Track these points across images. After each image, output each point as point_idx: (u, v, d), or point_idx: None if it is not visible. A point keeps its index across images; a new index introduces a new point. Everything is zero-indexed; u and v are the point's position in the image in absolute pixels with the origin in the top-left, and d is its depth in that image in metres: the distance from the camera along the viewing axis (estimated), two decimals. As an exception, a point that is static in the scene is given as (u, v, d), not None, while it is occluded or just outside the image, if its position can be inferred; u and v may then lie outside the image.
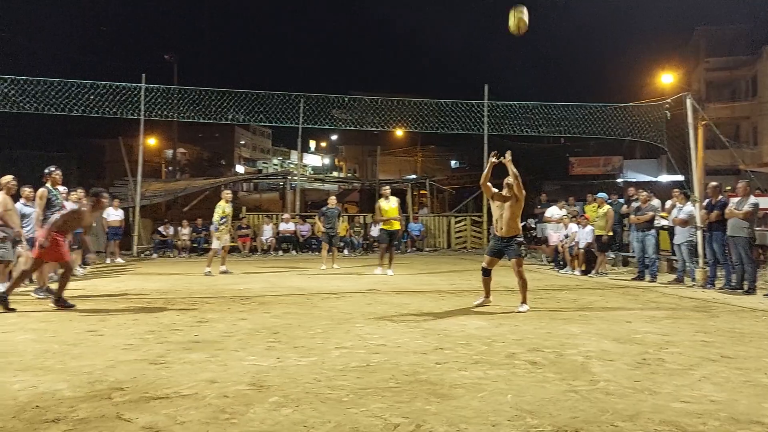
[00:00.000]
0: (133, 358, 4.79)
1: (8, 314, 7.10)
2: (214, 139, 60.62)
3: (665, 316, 7.16)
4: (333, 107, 20.44)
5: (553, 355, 4.98)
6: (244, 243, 19.38)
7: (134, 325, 6.38)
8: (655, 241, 11.66)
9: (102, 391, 3.88)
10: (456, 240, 22.40)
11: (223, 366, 4.56)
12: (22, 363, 4.63)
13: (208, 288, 9.96)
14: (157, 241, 18.94)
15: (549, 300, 8.72)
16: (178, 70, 31.48)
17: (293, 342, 5.47)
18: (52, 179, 9.08)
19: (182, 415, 3.41)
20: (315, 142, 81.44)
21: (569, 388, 3.98)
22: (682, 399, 3.75)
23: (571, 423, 3.28)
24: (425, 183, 27.27)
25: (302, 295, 9.04)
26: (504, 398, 3.73)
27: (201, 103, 18.61)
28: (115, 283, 10.86)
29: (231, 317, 6.90)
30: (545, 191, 22.93)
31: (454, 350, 5.12)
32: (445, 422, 3.29)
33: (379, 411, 3.48)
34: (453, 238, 22.38)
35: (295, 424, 3.27)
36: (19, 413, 3.42)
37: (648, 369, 4.52)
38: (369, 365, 4.59)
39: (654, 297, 9.15)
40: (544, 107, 19.85)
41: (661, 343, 5.50)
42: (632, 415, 3.43)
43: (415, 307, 7.79)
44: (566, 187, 30.81)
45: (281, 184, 28.38)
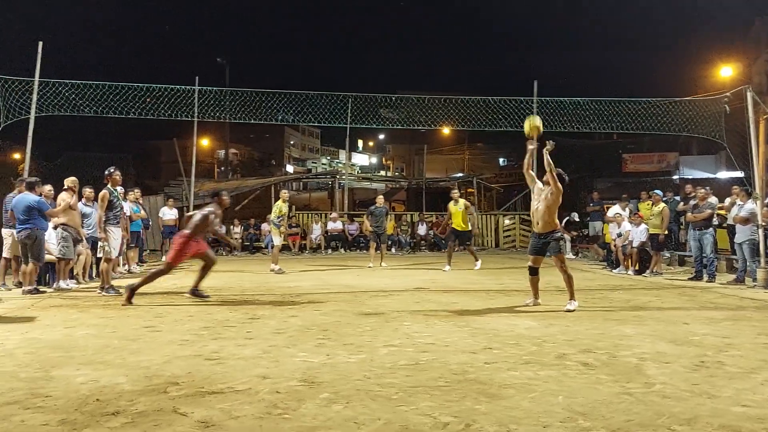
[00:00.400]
0: (188, 354, 4.92)
1: (70, 311, 7.39)
2: (265, 140, 61.53)
3: (725, 318, 6.93)
4: (380, 106, 20.45)
5: (606, 356, 4.88)
6: (294, 242, 19.66)
7: (189, 321, 6.55)
8: (713, 239, 11.29)
9: (159, 385, 4.00)
10: (504, 239, 22.18)
11: (275, 362, 4.63)
12: (84, 357, 4.81)
13: (259, 285, 10.14)
14: (209, 240, 19.34)
15: (601, 300, 8.55)
16: (229, 72, 32.12)
17: (343, 339, 5.53)
18: (112, 180, 9.31)
19: (236, 409, 3.48)
20: (363, 142, 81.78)
21: (623, 390, 3.90)
22: (742, 403, 3.63)
23: (625, 426, 3.22)
24: (472, 181, 27.08)
25: (351, 293, 9.11)
26: (555, 399, 3.69)
27: (252, 105, 18.90)
28: (171, 281, 11.14)
29: (282, 314, 7.01)
30: (597, 189, 22.48)
31: (503, 350, 5.08)
32: (495, 422, 3.27)
33: (428, 409, 3.48)
34: (501, 237, 22.18)
35: (345, 420, 3.31)
36: (81, 406, 3.55)
37: (706, 372, 4.39)
38: (418, 363, 4.60)
39: (712, 298, 8.86)
40: (595, 103, 19.41)
41: (720, 345, 5.32)
42: (690, 419, 3.34)
43: (463, 306, 7.76)
44: (619, 184, 30.09)
45: (330, 183, 28.64)
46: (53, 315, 7.01)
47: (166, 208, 16.96)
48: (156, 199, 20.39)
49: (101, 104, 16.70)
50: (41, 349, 5.11)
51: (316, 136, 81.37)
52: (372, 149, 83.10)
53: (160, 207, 17.87)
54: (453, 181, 26.41)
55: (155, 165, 45.92)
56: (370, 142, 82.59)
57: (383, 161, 78.19)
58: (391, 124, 22.78)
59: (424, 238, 20.85)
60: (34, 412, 3.44)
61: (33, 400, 3.67)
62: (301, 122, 21.27)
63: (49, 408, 3.51)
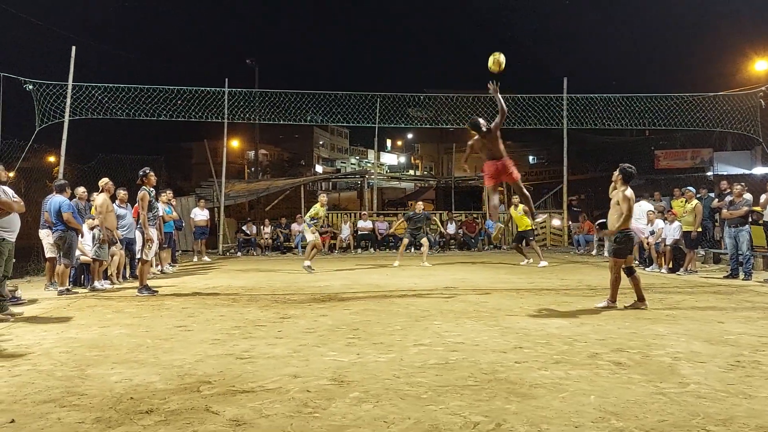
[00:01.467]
0: (220, 353, 4.98)
1: (105, 311, 7.54)
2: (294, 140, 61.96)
3: (762, 317, 6.77)
4: (408, 106, 20.48)
5: (639, 355, 4.81)
6: (324, 241, 19.74)
7: (221, 320, 6.63)
8: (749, 236, 11.04)
9: (191, 384, 4.06)
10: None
11: (305, 361, 4.67)
12: (118, 356, 4.90)
13: (289, 285, 10.21)
14: (241, 240, 19.56)
15: (634, 298, 8.40)
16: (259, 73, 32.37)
17: (372, 338, 5.54)
18: (148, 181, 9.39)
19: (267, 408, 3.52)
20: (391, 141, 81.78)
21: (656, 390, 3.84)
22: (780, 404, 3.55)
23: (658, 426, 3.17)
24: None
25: (380, 292, 9.12)
26: (587, 399, 3.64)
27: (281, 106, 19.09)
28: (203, 281, 11.30)
29: (312, 314, 7.05)
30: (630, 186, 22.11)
31: (534, 349, 5.04)
32: (526, 422, 3.25)
33: (458, 409, 3.47)
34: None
35: (375, 419, 3.32)
36: (115, 404, 3.62)
37: (743, 372, 4.30)
38: (447, 363, 4.59)
39: (748, 296, 8.67)
40: (626, 99, 19.17)
41: (757, 344, 5.21)
42: (725, 419, 3.27)
43: (493, 305, 7.71)
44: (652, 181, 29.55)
45: (359, 183, 28.70)
46: (88, 315, 7.16)
47: (198, 209, 17.18)
48: (187, 200, 20.67)
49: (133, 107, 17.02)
50: (77, 348, 5.22)
51: (344, 136, 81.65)
52: (400, 149, 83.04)
53: (191, 208, 18.10)
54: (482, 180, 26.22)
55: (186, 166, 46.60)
56: (398, 142, 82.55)
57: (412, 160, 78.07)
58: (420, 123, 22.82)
59: (454, 237, 20.77)
60: (70, 410, 3.52)
61: (69, 398, 3.75)
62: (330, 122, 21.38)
63: (85, 406, 3.59)
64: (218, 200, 19.89)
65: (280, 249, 19.60)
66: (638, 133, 33.43)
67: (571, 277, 11.49)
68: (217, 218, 19.54)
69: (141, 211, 9.24)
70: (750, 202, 11.36)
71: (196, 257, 16.68)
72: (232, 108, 18.90)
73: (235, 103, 18.93)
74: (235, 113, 19.09)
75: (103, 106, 16.76)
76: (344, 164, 77.31)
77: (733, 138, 29.21)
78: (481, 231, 20.89)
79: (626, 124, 19.81)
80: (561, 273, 12.30)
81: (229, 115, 18.83)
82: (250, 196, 23.88)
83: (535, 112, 19.69)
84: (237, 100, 18.96)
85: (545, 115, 19.76)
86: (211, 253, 18.06)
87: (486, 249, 20.39)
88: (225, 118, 18.78)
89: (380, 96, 19.74)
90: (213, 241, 19.12)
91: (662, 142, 34.90)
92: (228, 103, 18.68)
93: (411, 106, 20.60)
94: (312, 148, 69.71)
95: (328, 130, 73.79)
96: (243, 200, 23.81)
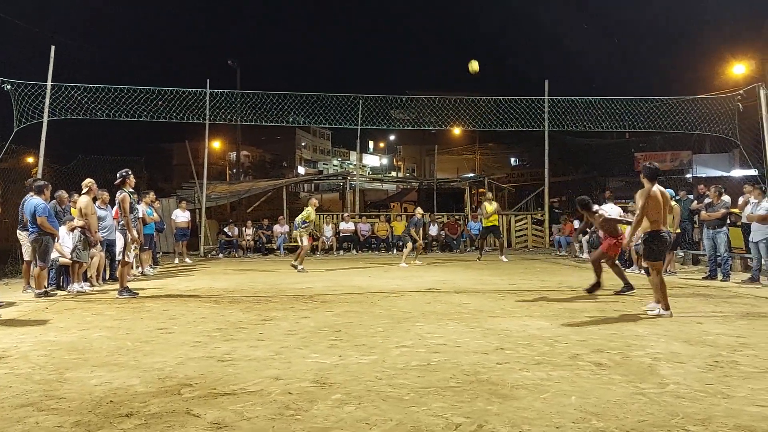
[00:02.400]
0: (201, 355, 4.95)
1: (84, 313, 7.45)
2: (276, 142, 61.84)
3: (739, 317, 6.87)
4: (391, 107, 20.48)
5: (619, 356, 4.85)
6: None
7: (202, 323, 6.58)
8: (727, 238, 11.19)
9: (172, 386, 4.02)
10: (516, 239, 22.10)
11: (287, 363, 4.65)
12: (98, 359, 4.85)
13: (272, 287, 10.17)
14: (222, 242, 19.44)
15: (614, 300, 8.49)
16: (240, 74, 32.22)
17: (355, 340, 5.53)
18: (129, 182, 9.30)
19: (248, 410, 3.50)
20: (373, 143, 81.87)
21: (636, 390, 3.88)
22: (757, 403, 3.60)
23: (638, 426, 3.20)
24: (484, 181, 27.01)
25: (363, 294, 9.11)
26: (568, 400, 3.67)
27: (263, 107, 19.00)
28: (184, 283, 11.21)
29: (294, 316, 7.03)
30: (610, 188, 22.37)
31: (515, 350, 5.07)
32: (508, 423, 3.26)
33: (440, 410, 3.48)
34: (513, 237, 22.09)
35: (357, 421, 3.31)
36: (95, 408, 3.58)
37: (721, 372, 4.35)
38: (429, 364, 4.60)
39: (727, 297, 8.78)
40: (606, 102, 19.35)
41: (735, 345, 5.28)
42: (704, 419, 3.31)
43: (474, 306, 7.74)
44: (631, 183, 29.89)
45: (341, 184, 28.68)
46: (67, 317, 7.08)
47: (179, 210, 17.05)
48: (168, 202, 20.50)
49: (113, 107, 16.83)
50: (55, 351, 5.16)
51: (327, 138, 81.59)
52: (383, 150, 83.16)
53: (172, 209, 17.95)
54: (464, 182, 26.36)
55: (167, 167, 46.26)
56: (380, 143, 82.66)
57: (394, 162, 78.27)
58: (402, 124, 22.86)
59: (436, 238, 20.82)
60: (48, 413, 3.48)
61: (47, 402, 3.71)
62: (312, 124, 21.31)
63: (64, 410, 3.54)
64: (199, 202, 19.75)
65: (262, 251, 19.52)
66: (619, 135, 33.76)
67: (551, 278, 11.57)
68: (198, 220, 19.41)
69: (123, 214, 9.14)
70: (728, 204, 11.52)
71: (177, 259, 16.55)
72: (214, 109, 18.78)
73: (216, 104, 18.81)
74: (217, 114, 18.97)
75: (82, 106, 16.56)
76: (326, 166, 77.22)
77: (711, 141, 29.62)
78: (462, 233, 20.97)
79: (607, 126, 19.99)
80: (542, 274, 12.38)
81: (210, 116, 18.71)
82: (232, 198, 23.76)
83: (516, 114, 19.81)
84: (218, 101, 18.84)
85: (527, 117, 19.90)
86: (193, 255, 17.93)
87: (468, 250, 20.46)
88: (206, 119, 18.65)
89: (362, 97, 19.72)
90: (194, 243, 18.98)
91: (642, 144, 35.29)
92: (209, 103, 18.56)
93: (393, 107, 20.60)
94: (294, 149, 69.56)
95: (310, 132, 73.70)
96: (224, 202, 23.69)
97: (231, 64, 32.44)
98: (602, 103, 19.34)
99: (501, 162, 49.34)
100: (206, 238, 19.55)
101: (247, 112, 19.63)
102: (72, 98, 16.16)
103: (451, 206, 25.66)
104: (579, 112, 19.59)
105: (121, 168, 9.45)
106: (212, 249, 19.86)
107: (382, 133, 68.91)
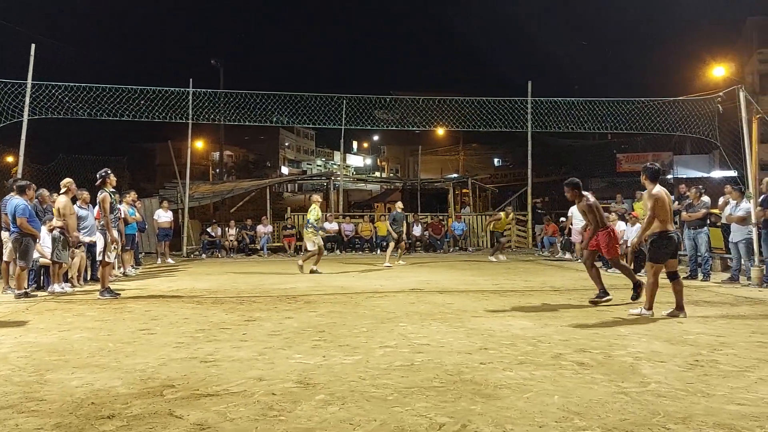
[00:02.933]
0: (184, 356, 4.91)
1: (65, 314, 7.37)
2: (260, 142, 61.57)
3: (719, 316, 6.96)
4: (375, 108, 20.47)
5: (601, 355, 4.89)
6: (289, 243, 19.66)
7: (185, 323, 6.54)
8: (707, 238, 11.33)
9: (154, 388, 3.99)
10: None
11: (271, 364, 4.63)
12: (79, 361, 4.80)
13: (255, 287, 10.12)
14: (205, 242, 19.32)
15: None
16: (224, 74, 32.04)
17: (338, 341, 5.52)
18: (109, 182, 9.20)
19: (231, 412, 3.48)
20: (357, 143, 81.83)
21: (618, 389, 3.91)
22: (737, 401, 3.64)
23: (620, 425, 3.22)
24: (467, 182, 27.11)
25: (347, 295, 9.10)
26: (551, 399, 3.69)
27: (246, 107, 18.91)
28: (167, 283, 11.13)
29: (278, 316, 7.01)
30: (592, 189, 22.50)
31: (498, 350, 5.09)
32: (491, 422, 3.27)
33: (423, 410, 3.48)
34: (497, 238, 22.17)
35: (341, 421, 3.31)
36: (76, 409, 3.54)
37: (701, 371, 4.41)
38: (413, 364, 4.60)
39: (707, 296, 8.89)
40: (589, 103, 19.50)
41: (714, 344, 5.35)
42: (684, 417, 3.35)
43: (458, 306, 7.76)
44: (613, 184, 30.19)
45: (325, 184, 28.64)
46: (48, 318, 6.99)
47: (161, 210, 16.91)
48: (151, 202, 20.34)
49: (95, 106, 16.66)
50: (36, 352, 5.09)
51: (310, 138, 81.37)
52: (367, 151, 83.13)
53: (155, 209, 17.80)
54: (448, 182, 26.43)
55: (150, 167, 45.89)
56: (364, 144, 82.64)
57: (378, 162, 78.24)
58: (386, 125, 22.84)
59: (420, 239, 20.85)
60: (28, 416, 3.43)
61: (27, 404, 3.66)
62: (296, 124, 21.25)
63: (44, 412, 3.50)
64: (182, 202, 19.62)
65: (246, 251, 19.43)
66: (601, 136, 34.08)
67: (535, 278, 11.64)
68: (181, 220, 19.28)
69: (103, 214, 9.05)
70: (708, 204, 11.67)
71: (160, 259, 16.42)
72: (197, 108, 18.66)
73: (199, 104, 18.69)
74: (200, 114, 18.85)
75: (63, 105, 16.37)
76: (310, 166, 77.06)
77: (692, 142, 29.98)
78: (446, 233, 21.03)
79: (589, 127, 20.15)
80: (525, 275, 12.44)
81: (193, 115, 18.59)
82: (215, 198, 23.63)
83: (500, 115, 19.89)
84: (201, 101, 18.72)
85: (510, 118, 19.99)
86: (175, 256, 17.80)
87: (452, 251, 20.52)
88: (189, 119, 18.53)
89: (346, 98, 19.70)
90: (177, 243, 18.84)
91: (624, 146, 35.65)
92: (192, 103, 18.44)
93: (377, 108, 20.60)
94: (278, 149, 69.31)
95: (294, 132, 73.46)
96: (207, 202, 23.55)
97: (214, 64, 32.26)
98: (584, 104, 19.49)
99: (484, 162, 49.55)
100: (189, 238, 19.42)
101: (230, 112, 19.54)
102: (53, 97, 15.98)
103: (435, 207, 25.73)
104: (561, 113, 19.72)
105: (103, 168, 9.36)
106: (195, 249, 19.73)
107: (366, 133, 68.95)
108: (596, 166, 34.46)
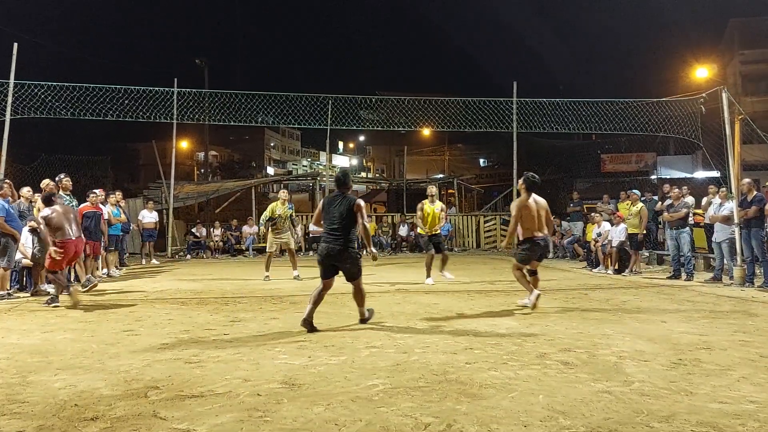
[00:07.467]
0: (168, 357, 4.88)
1: (48, 315, 7.29)
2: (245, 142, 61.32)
3: (702, 316, 7.03)
4: (360, 108, 20.43)
5: (586, 355, 4.92)
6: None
7: (169, 324, 6.49)
8: (690, 238, 11.44)
9: (138, 389, 3.96)
10: (485, 239, 22.28)
11: (256, 365, 4.61)
12: (62, 362, 4.75)
13: (240, 288, 10.08)
14: (190, 243, 19.21)
15: (581, 299, 8.63)
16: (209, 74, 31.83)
17: (324, 341, 5.51)
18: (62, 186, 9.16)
19: (216, 413, 3.46)
20: (343, 143, 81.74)
21: (602, 388, 3.93)
22: (719, 400, 3.68)
23: (604, 424, 3.25)
24: (453, 182, 27.17)
25: (332, 295, 9.03)
26: (535, 398, 3.71)
27: (231, 106, 18.80)
28: (151, 284, 11.05)
29: (263, 317, 6.98)
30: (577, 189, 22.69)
31: (483, 350, 5.10)
32: (476, 422, 3.28)
33: (409, 410, 3.49)
34: (482, 238, 22.27)
35: (326, 422, 3.30)
36: (59, 411, 3.51)
37: (684, 369, 4.45)
38: (399, 365, 4.60)
39: (690, 296, 8.98)
40: (574, 104, 19.59)
41: (697, 343, 5.40)
42: (668, 416, 3.38)
43: (444, 307, 7.78)
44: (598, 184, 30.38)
45: (311, 185, 28.57)
46: (30, 320, 6.91)
47: (146, 210, 16.80)
48: (135, 202, 20.19)
49: (78, 106, 16.47)
50: (18, 354, 5.04)
51: (296, 138, 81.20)
52: (352, 151, 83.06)
53: (139, 210, 17.68)
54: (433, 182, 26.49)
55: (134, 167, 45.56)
56: (350, 144, 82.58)
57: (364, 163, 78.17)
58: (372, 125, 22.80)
59: (405, 239, 20.87)
60: (10, 418, 3.39)
61: (9, 406, 3.62)
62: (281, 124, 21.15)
63: (26, 414, 3.46)
64: (167, 202, 19.48)
65: (231, 252, 19.33)
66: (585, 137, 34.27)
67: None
68: (165, 220, 19.14)
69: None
70: (689, 204, 11.79)
71: (144, 260, 16.31)
72: (182, 108, 18.52)
73: (184, 104, 18.55)
74: (185, 114, 18.71)
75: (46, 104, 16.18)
76: (296, 166, 76.80)
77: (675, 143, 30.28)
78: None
79: (573, 128, 20.25)
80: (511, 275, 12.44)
81: (178, 115, 18.46)
82: (200, 198, 23.51)
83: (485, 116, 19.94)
84: (186, 101, 18.59)
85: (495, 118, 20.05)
86: (160, 256, 17.69)
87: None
88: (174, 119, 18.40)
89: (332, 98, 19.65)
90: (161, 244, 18.71)
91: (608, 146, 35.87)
92: (177, 103, 18.31)
93: (363, 108, 20.57)
94: (263, 149, 69.04)
95: (280, 132, 73.23)
96: (192, 202, 23.42)
97: (199, 63, 32.04)
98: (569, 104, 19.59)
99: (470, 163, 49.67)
100: (174, 238, 19.29)
101: (215, 112, 19.44)
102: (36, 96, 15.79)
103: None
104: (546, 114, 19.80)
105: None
106: (180, 250, 19.61)
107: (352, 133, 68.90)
108: (581, 166, 34.68)
